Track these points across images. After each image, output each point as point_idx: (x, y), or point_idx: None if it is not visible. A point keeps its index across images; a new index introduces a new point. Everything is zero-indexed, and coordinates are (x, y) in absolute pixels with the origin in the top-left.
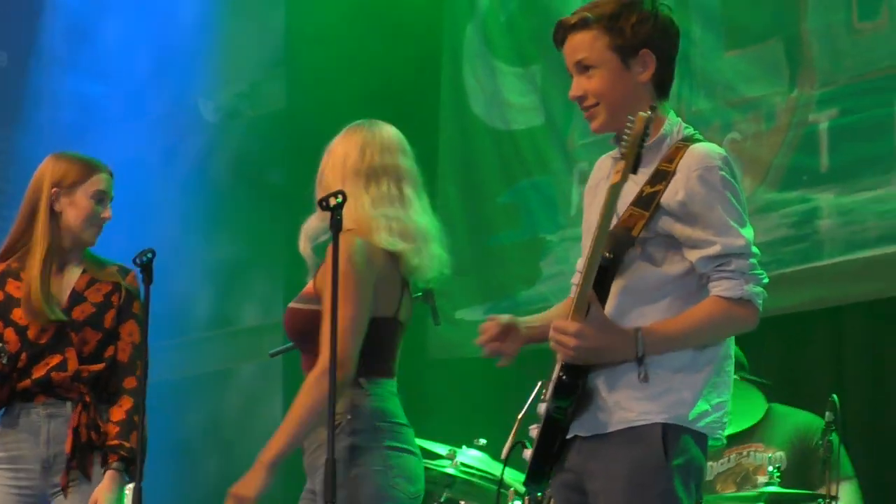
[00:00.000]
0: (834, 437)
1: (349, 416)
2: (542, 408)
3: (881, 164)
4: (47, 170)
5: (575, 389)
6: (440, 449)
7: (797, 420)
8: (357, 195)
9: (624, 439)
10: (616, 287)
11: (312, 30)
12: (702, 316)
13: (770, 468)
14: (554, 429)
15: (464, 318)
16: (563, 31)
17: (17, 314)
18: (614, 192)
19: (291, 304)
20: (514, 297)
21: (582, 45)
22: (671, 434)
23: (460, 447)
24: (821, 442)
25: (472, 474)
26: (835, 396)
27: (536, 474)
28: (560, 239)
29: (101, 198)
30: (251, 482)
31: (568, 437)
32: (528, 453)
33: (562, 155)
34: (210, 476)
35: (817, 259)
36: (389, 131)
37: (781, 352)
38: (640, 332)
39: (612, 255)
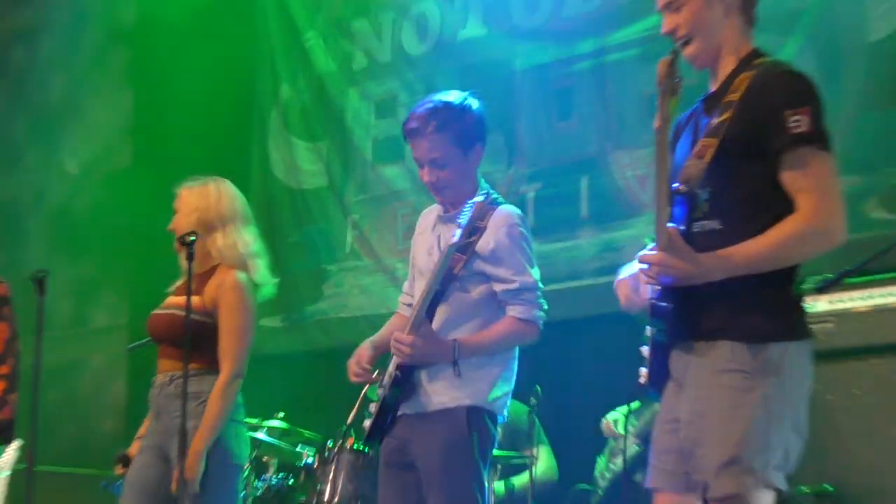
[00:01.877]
0: (535, 416)
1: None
2: (380, 392)
3: (570, 224)
4: None
5: (406, 382)
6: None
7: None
8: (240, 233)
9: (439, 418)
10: (441, 310)
11: (159, 102)
12: (501, 331)
13: None
14: (388, 408)
15: (266, 325)
16: (409, 136)
17: None
18: (451, 251)
19: (173, 312)
20: (301, 310)
21: (433, 147)
22: (473, 414)
23: (264, 419)
24: (526, 419)
25: (275, 438)
26: (538, 387)
27: (372, 437)
28: (337, 269)
29: None
30: (195, 465)
31: (398, 414)
32: (367, 423)
33: (339, 208)
34: None
35: None
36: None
37: None
38: (456, 342)
39: (440, 287)
